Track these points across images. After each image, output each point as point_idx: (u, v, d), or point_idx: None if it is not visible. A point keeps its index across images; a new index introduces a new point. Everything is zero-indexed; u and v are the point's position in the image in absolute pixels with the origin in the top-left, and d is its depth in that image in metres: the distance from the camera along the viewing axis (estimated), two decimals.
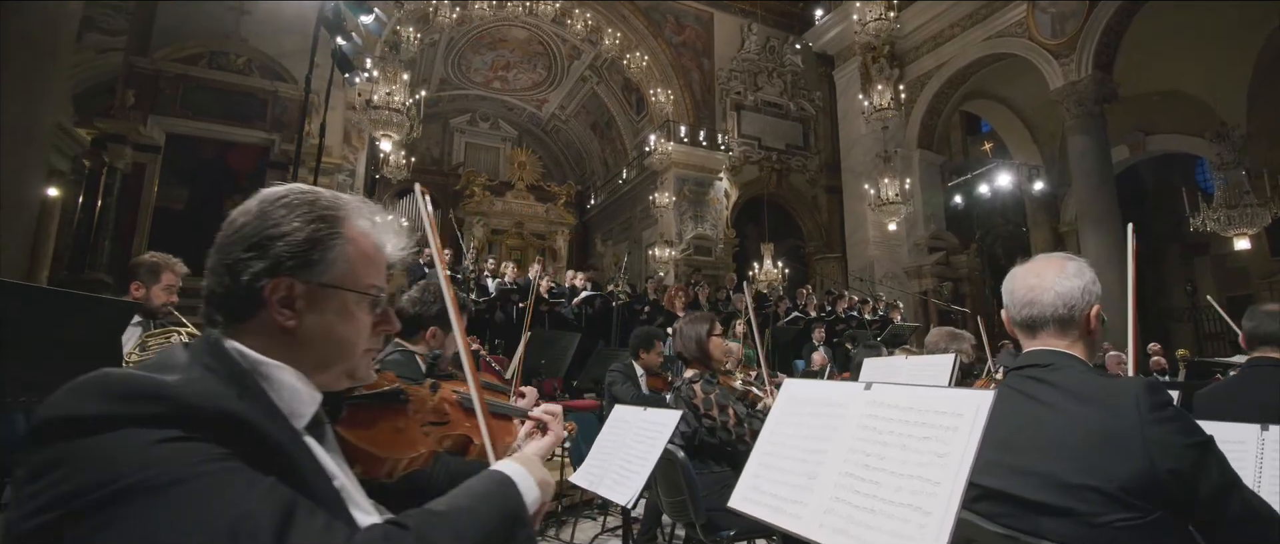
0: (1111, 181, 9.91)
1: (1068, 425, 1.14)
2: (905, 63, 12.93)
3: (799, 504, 1.06)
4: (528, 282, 7.31)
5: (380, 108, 7.38)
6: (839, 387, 1.23)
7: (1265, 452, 1.63)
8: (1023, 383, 1.26)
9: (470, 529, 0.69)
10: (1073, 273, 1.30)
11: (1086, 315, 1.29)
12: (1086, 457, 1.09)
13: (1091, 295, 1.30)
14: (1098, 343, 1.34)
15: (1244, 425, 1.71)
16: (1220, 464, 1.07)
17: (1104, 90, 9.86)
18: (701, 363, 2.50)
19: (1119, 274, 9.53)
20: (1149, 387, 1.12)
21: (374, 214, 0.84)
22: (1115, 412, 1.10)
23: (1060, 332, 1.29)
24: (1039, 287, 1.31)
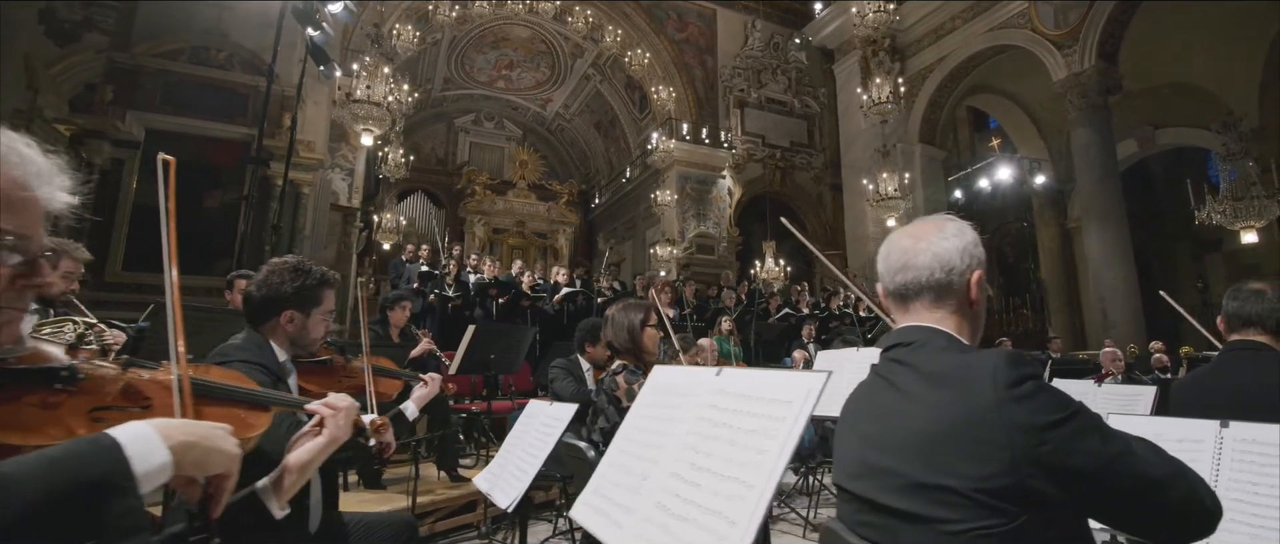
0: (1116, 175, 9.64)
1: (924, 414, 0.95)
2: (907, 56, 12.69)
3: (625, 511, 0.91)
4: (510, 277, 7.22)
5: (361, 102, 7.30)
6: (692, 371, 1.08)
7: (1224, 451, 1.46)
8: (888, 367, 1.08)
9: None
10: (953, 233, 1.11)
11: (967, 282, 1.08)
12: (941, 451, 0.91)
13: (972, 258, 1.09)
14: (980, 317, 1.13)
15: (1202, 423, 1.53)
16: (1100, 434, 0.89)
17: (1108, 82, 9.59)
18: (632, 354, 2.36)
19: (1125, 271, 9.30)
20: (1008, 359, 0.93)
21: (25, 146, 0.71)
22: (970, 394, 0.92)
23: (935, 301, 1.09)
24: (914, 249, 1.11)
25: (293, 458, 1.08)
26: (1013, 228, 17.13)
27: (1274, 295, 1.89)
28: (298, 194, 7.98)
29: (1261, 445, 1.39)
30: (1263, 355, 1.85)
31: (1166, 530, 0.92)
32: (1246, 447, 1.42)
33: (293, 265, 1.64)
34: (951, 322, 1.08)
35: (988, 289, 1.14)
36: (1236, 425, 1.46)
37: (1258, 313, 1.88)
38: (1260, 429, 1.41)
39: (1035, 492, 0.87)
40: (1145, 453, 0.90)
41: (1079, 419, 0.89)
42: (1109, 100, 10.24)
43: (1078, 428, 0.88)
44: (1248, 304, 1.91)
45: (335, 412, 1.08)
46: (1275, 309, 1.86)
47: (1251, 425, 1.43)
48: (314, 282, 1.64)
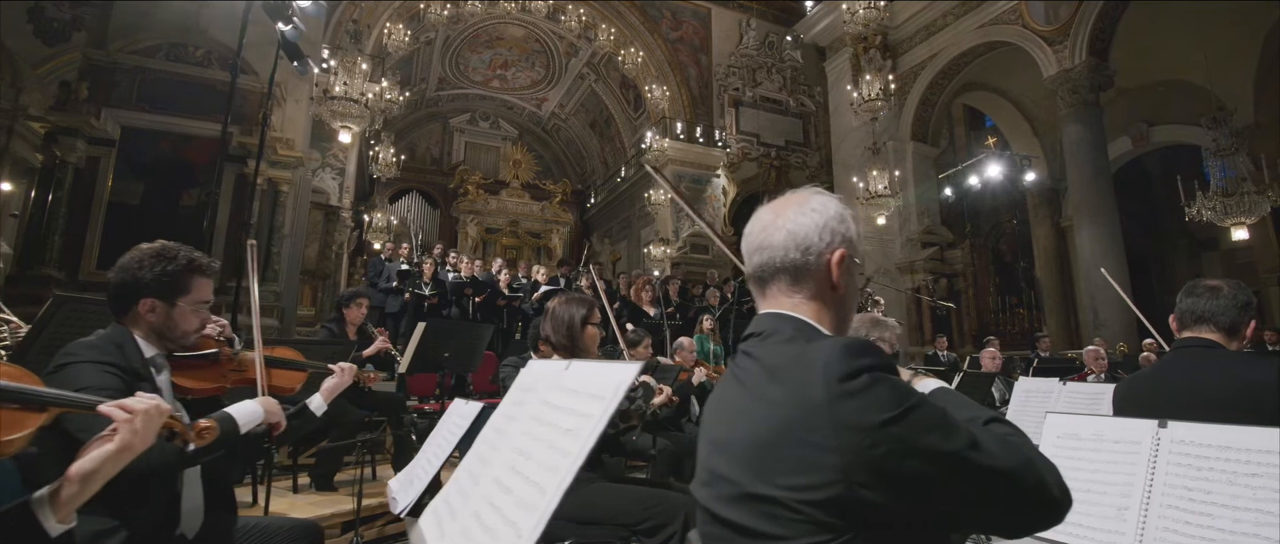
0: (1107, 173, 9.52)
1: (758, 415, 0.84)
2: (899, 53, 12.58)
3: (451, 516, 0.82)
4: (489, 276, 7.11)
5: (339, 99, 7.21)
6: (547, 365, 0.97)
7: (1160, 454, 1.35)
8: (739, 362, 0.96)
9: None
10: (815, 207, 0.97)
11: (826, 262, 0.95)
12: (770, 456, 0.81)
13: (834, 235, 0.95)
14: (847, 302, 0.99)
15: (1140, 423, 1.42)
16: (942, 430, 0.77)
17: (1099, 77, 9.47)
18: (569, 352, 2.26)
19: (1116, 269, 9.16)
20: (843, 349, 0.81)
21: None
22: (802, 391, 0.80)
23: (791, 285, 0.96)
24: (772, 225, 0.98)
25: (75, 467, 0.96)
26: (1009, 226, 17.02)
27: (1229, 292, 1.77)
28: (276, 192, 7.89)
29: (1199, 448, 1.28)
30: (1213, 354, 1.73)
31: (1010, 525, 0.83)
32: (1184, 449, 1.31)
33: (155, 250, 1.53)
34: (810, 308, 0.95)
35: (861, 272, 1.03)
36: (1175, 426, 1.34)
37: (1211, 310, 1.76)
38: (1199, 430, 1.30)
39: (867, 504, 0.76)
40: (992, 444, 0.80)
41: (917, 414, 0.77)
42: (1100, 97, 10.13)
43: (915, 425, 0.77)
44: (1201, 301, 1.79)
45: (131, 415, 0.97)
46: (1230, 306, 1.74)
47: (1190, 426, 1.32)
48: (179, 267, 1.53)
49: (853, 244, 0.98)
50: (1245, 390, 1.56)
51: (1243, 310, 1.74)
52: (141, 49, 7.67)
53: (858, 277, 1.01)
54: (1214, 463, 1.25)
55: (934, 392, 1.08)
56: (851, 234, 0.98)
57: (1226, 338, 1.74)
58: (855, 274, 0.99)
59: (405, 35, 15.07)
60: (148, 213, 7.32)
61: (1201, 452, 1.28)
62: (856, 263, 0.99)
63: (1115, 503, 1.35)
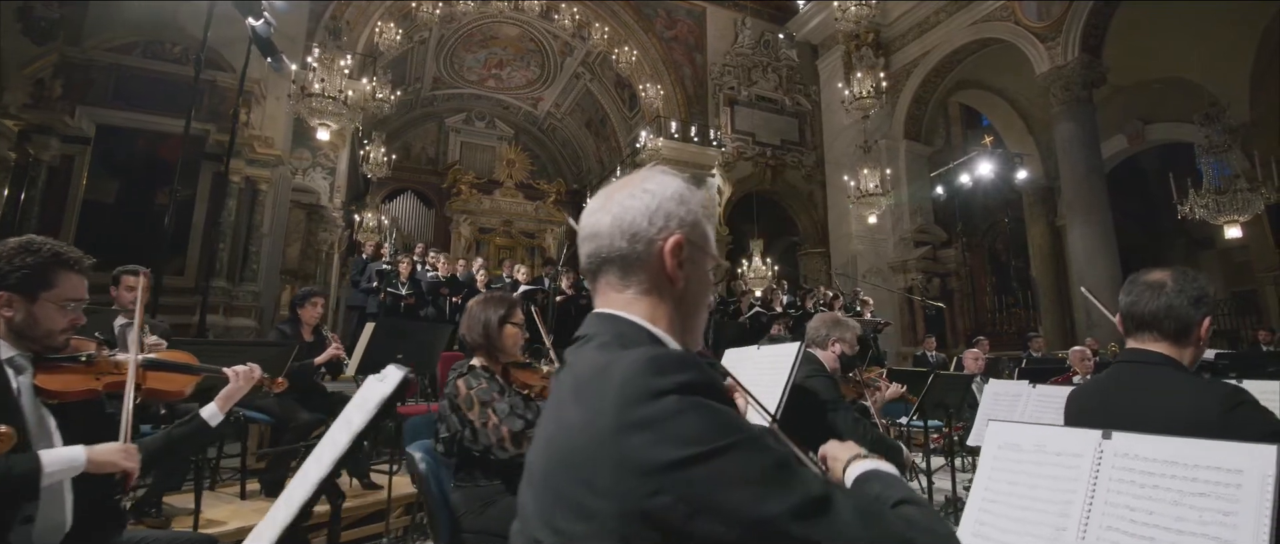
0: (1100, 170, 9.40)
1: (557, 440, 0.70)
2: (891, 51, 12.47)
3: None
4: (469, 276, 7.00)
5: (316, 96, 7.10)
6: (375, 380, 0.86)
7: (1103, 469, 1.22)
8: (558, 374, 0.83)
9: None
10: (650, 188, 0.82)
11: (659, 250, 0.79)
12: (549, 493, 0.67)
13: (668, 219, 0.80)
14: (691, 297, 0.83)
15: (1081, 433, 1.29)
16: (764, 485, 0.59)
17: (1092, 74, 9.35)
18: (487, 353, 2.14)
19: (1109, 268, 9.05)
20: (647, 363, 0.65)
21: None
22: (593, 414, 0.65)
23: (621, 278, 0.81)
24: (602, 209, 0.84)
25: None
26: (1004, 226, 16.89)
27: (1174, 287, 1.47)
28: (254, 190, 7.78)
29: (1144, 462, 1.16)
30: (1158, 374, 1.45)
31: None
32: (1128, 464, 1.18)
33: (20, 243, 1.42)
34: (642, 306, 0.80)
35: (718, 262, 0.90)
36: (1119, 437, 1.22)
37: (1154, 313, 1.47)
38: (1145, 443, 1.18)
39: None
40: (854, 522, 0.61)
41: (729, 458, 0.59)
42: (1094, 94, 10.01)
43: (721, 471, 0.59)
44: (1143, 300, 1.50)
45: None
46: (1174, 307, 1.45)
47: (1135, 438, 1.19)
48: (41, 261, 1.41)
49: (696, 228, 0.83)
50: (1181, 430, 1.29)
51: (1193, 307, 1.45)
52: (118, 46, 7.56)
53: (708, 266, 0.86)
54: (1159, 480, 1.13)
55: (863, 476, 0.89)
56: (692, 217, 0.83)
57: (1175, 346, 1.47)
58: (701, 264, 0.84)
59: (397, 34, 14.97)
60: (122, 211, 7.21)
61: (1146, 467, 1.16)
62: (702, 250, 0.84)
63: (1053, 523, 1.23)
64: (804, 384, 2.27)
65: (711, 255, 0.87)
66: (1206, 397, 1.35)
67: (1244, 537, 1.00)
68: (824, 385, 2.26)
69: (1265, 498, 1.02)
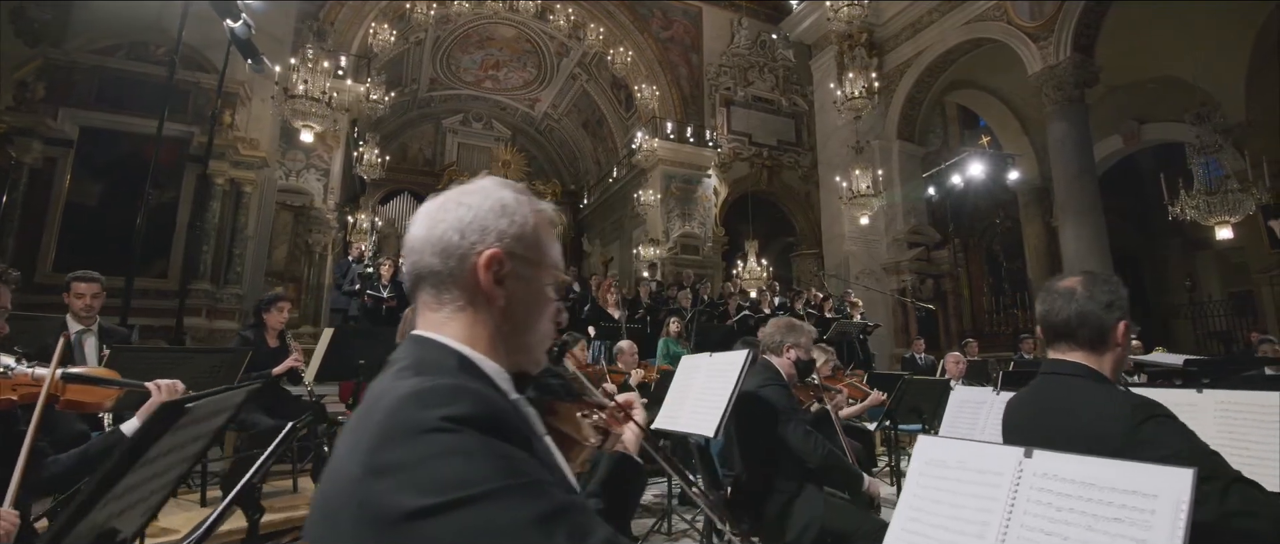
0: (1092, 170, 9.32)
1: (325, 474, 0.65)
2: (885, 51, 12.40)
3: None
4: None
5: (299, 97, 7.06)
6: None
7: (1022, 489, 1.16)
8: None
9: None
10: (468, 201, 0.79)
11: (473, 265, 0.75)
12: (310, 529, 0.61)
13: (484, 232, 0.76)
14: (516, 316, 0.78)
15: (1003, 451, 1.24)
16: (518, 535, 0.53)
17: (1084, 74, 9.28)
18: None
19: (1103, 269, 8.96)
20: (411, 396, 0.59)
21: None
22: (349, 450, 0.60)
23: (435, 296, 0.77)
24: (419, 221, 0.80)
25: None
26: (1002, 226, 16.81)
27: (1084, 293, 1.43)
28: (239, 192, 7.74)
29: (1062, 483, 1.11)
30: (1077, 386, 1.41)
31: None
32: (1046, 484, 1.13)
33: None
34: (456, 326, 0.75)
35: (559, 277, 0.84)
36: (1040, 456, 1.17)
37: (1067, 322, 1.43)
38: (1064, 463, 1.12)
39: None
40: None
41: (476, 511, 0.52)
42: (1089, 94, 9.94)
43: (461, 527, 0.52)
44: (1055, 308, 1.47)
45: None
46: (1086, 313, 1.41)
47: (1056, 457, 1.14)
48: None
49: (522, 241, 0.79)
50: (1092, 442, 1.29)
51: (1106, 312, 1.40)
52: (101, 48, 7.53)
53: (542, 281, 0.82)
54: (1075, 502, 1.08)
55: None
56: (517, 230, 0.78)
57: (1092, 355, 1.43)
58: (533, 279, 0.80)
59: (391, 35, 14.94)
60: (105, 214, 7.18)
61: (1063, 488, 1.10)
62: (532, 264, 0.80)
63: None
64: (758, 393, 2.22)
65: (548, 269, 0.83)
66: (1117, 411, 1.30)
67: None
68: (778, 395, 2.21)
69: (1178, 525, 0.97)
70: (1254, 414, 1.83)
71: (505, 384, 0.76)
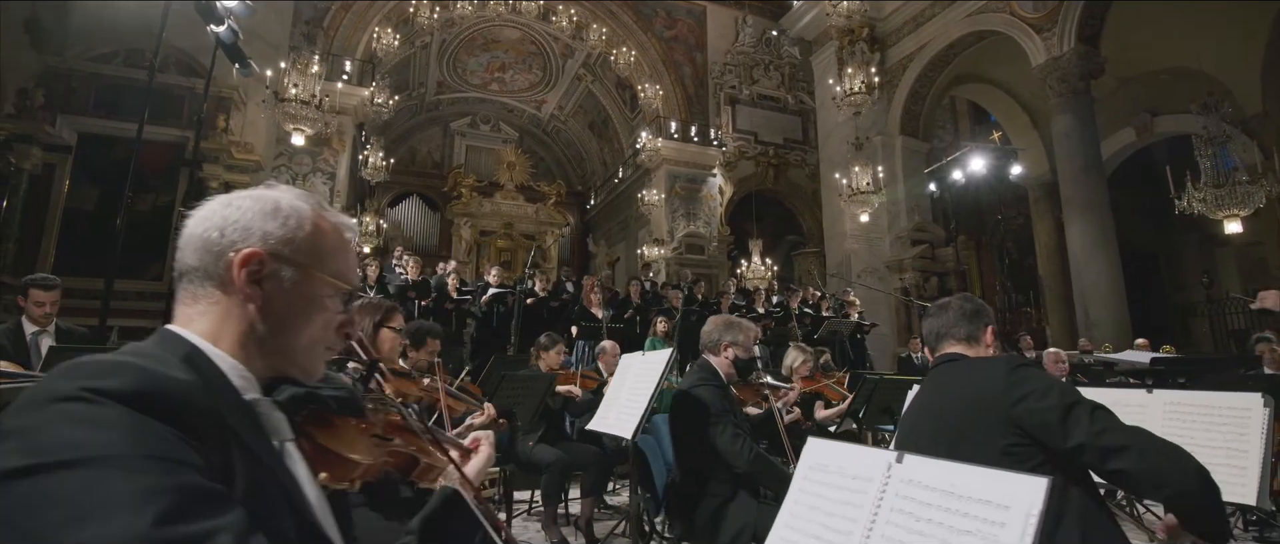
0: (1099, 164, 9.08)
1: None
2: (887, 46, 12.21)
3: None
4: (441, 279, 6.95)
5: (290, 101, 7.10)
6: None
7: (887, 496, 1.08)
8: None
9: None
10: (241, 203, 0.78)
11: (228, 263, 0.74)
12: None
13: (248, 233, 0.75)
14: (276, 315, 0.76)
15: (875, 454, 1.17)
16: (104, 504, 0.50)
17: (1089, 65, 9.04)
18: None
19: (1108, 266, 8.74)
20: (65, 368, 0.58)
21: None
22: None
23: (192, 293, 0.76)
24: (194, 220, 0.79)
25: None
26: (1016, 223, 16.48)
27: (957, 306, 1.77)
28: None
29: (925, 491, 1.03)
30: (957, 366, 1.67)
31: None
32: (910, 491, 1.05)
33: None
34: (206, 322, 0.75)
35: (340, 286, 0.81)
36: (910, 461, 1.09)
37: (945, 325, 1.75)
38: (930, 469, 1.05)
39: None
40: None
41: (70, 475, 0.50)
42: (1098, 86, 9.69)
43: (45, 491, 0.49)
44: (936, 320, 1.79)
45: None
46: (959, 318, 1.73)
47: (923, 462, 1.07)
48: None
49: (292, 244, 0.77)
50: (979, 396, 1.50)
51: (973, 319, 1.72)
52: (99, 56, 7.65)
53: (315, 288, 0.79)
54: (933, 512, 1.00)
55: None
56: (289, 233, 0.77)
57: (968, 346, 1.71)
58: (304, 284, 0.78)
59: (394, 40, 15.04)
60: (103, 218, 7.28)
61: (925, 496, 1.03)
62: (302, 269, 0.77)
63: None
64: (691, 393, 2.15)
65: (323, 276, 0.80)
66: (995, 366, 1.55)
67: None
68: (711, 395, 2.14)
69: (1027, 536, 0.89)
70: (1204, 416, 1.73)
71: (240, 381, 0.74)
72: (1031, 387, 1.42)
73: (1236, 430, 1.59)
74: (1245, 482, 1.52)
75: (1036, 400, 1.40)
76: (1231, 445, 1.58)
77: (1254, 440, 1.54)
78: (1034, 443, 1.40)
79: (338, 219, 0.85)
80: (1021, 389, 1.42)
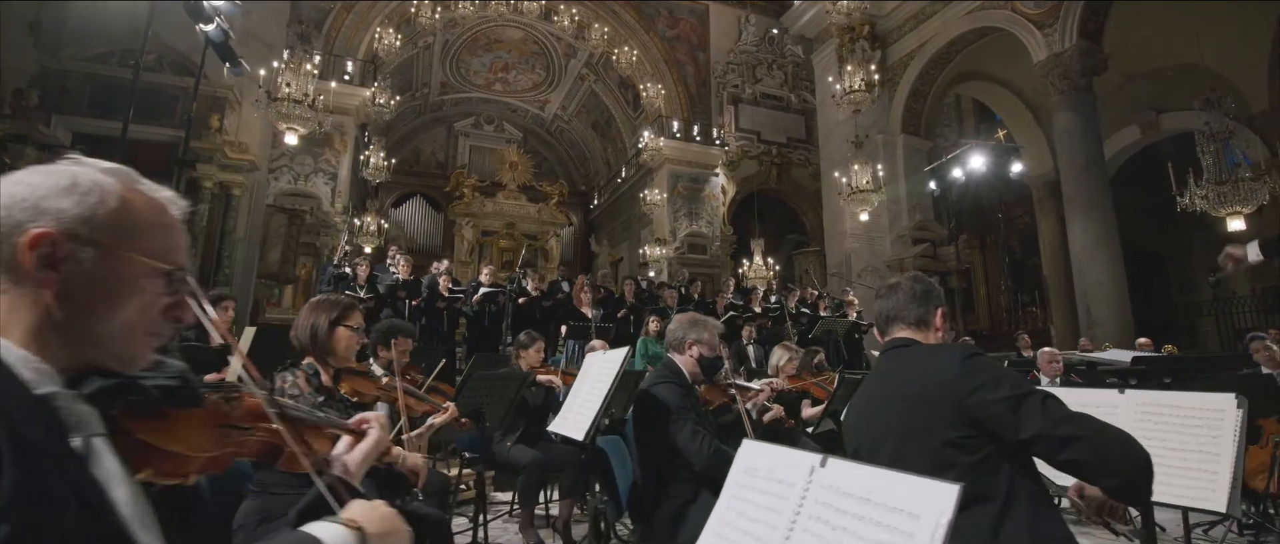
0: (1101, 161, 8.96)
1: None
2: (888, 44, 12.10)
3: None
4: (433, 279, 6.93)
5: (283, 100, 7.11)
6: None
7: (807, 502, 1.02)
8: None
9: None
10: (31, 179, 0.71)
11: (14, 245, 0.68)
12: None
13: (40, 212, 0.69)
14: (80, 304, 0.71)
15: (800, 458, 1.11)
16: None
17: (1091, 62, 8.92)
18: (317, 358, 2.03)
19: (1110, 264, 8.62)
20: None
21: None
22: None
23: None
24: None
25: None
26: (1022, 221, 16.31)
27: (907, 286, 1.71)
28: (228, 196, 7.83)
29: (842, 498, 0.98)
30: (907, 351, 1.63)
31: None
32: (828, 498, 1.00)
33: None
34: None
35: (157, 265, 0.74)
36: (832, 465, 1.04)
37: (895, 308, 1.69)
38: (850, 474, 1.00)
39: None
40: None
41: None
42: (1104, 83, 9.57)
43: None
44: (886, 301, 1.73)
45: None
46: (909, 299, 1.67)
47: (844, 467, 1.02)
48: None
49: (91, 224, 0.71)
50: (930, 385, 1.46)
51: (923, 301, 1.66)
52: (93, 56, 7.67)
53: (125, 271, 0.73)
54: (849, 520, 0.95)
55: None
56: (84, 211, 0.70)
57: (919, 332, 1.66)
58: (103, 267, 0.71)
59: (396, 40, 15.06)
60: None
61: (842, 503, 0.98)
62: (105, 250, 0.71)
63: None
64: (650, 392, 2.11)
65: (137, 258, 0.74)
66: (947, 355, 1.50)
67: None
68: (672, 393, 2.09)
69: None
70: (1177, 417, 1.67)
71: (31, 374, 0.68)
72: (984, 377, 1.40)
73: (1209, 433, 1.52)
74: (1216, 487, 1.45)
75: (989, 391, 1.38)
76: (1204, 448, 1.51)
77: (1227, 443, 1.47)
78: (983, 434, 1.38)
79: (157, 194, 0.78)
80: (974, 380, 1.39)
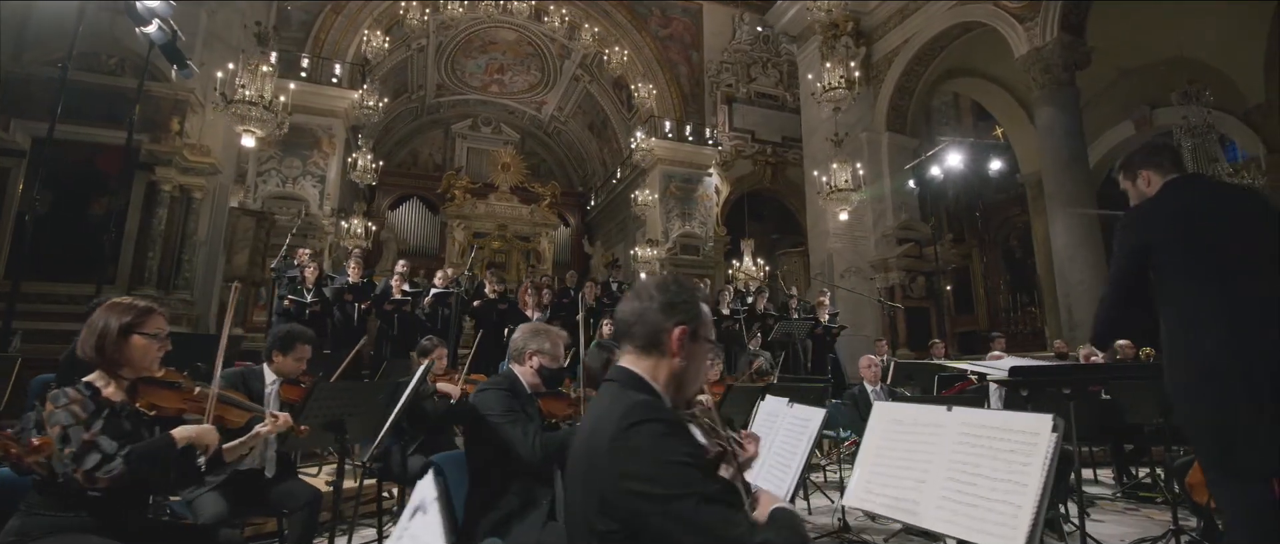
0: (1084, 158, 8.69)
1: None
2: (872, 40, 11.88)
3: None
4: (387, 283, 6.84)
5: (239, 102, 7.04)
6: None
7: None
8: None
9: None
10: None
11: None
12: None
13: None
14: None
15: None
16: None
17: (1073, 55, 8.66)
18: (106, 369, 1.90)
19: (1092, 264, 8.33)
20: None
21: None
22: None
23: None
24: None
25: None
26: (1020, 221, 15.98)
27: (650, 289, 1.26)
28: (189, 199, 7.78)
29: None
30: (610, 391, 1.21)
31: None
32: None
33: None
34: None
35: None
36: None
37: (626, 319, 1.26)
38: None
39: None
40: None
41: None
42: (1085, 77, 9.28)
43: None
44: (624, 306, 1.28)
45: None
46: (645, 313, 1.23)
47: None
48: None
49: None
50: (593, 455, 1.10)
51: (664, 314, 1.21)
52: (55, 59, 7.63)
53: None
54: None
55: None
56: None
57: (643, 357, 1.22)
58: None
59: (384, 42, 15.03)
60: (55, 223, 7.28)
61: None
62: None
63: None
64: (472, 401, 1.98)
65: None
66: (611, 418, 1.11)
67: None
68: (493, 400, 1.96)
69: None
70: (994, 439, 1.40)
71: None
72: (636, 463, 1.03)
73: (1021, 459, 1.26)
74: (1016, 524, 1.20)
75: (635, 482, 1.03)
76: (1013, 477, 1.25)
77: (1034, 473, 1.21)
78: (630, 536, 1.04)
79: None
80: (623, 462, 1.04)
